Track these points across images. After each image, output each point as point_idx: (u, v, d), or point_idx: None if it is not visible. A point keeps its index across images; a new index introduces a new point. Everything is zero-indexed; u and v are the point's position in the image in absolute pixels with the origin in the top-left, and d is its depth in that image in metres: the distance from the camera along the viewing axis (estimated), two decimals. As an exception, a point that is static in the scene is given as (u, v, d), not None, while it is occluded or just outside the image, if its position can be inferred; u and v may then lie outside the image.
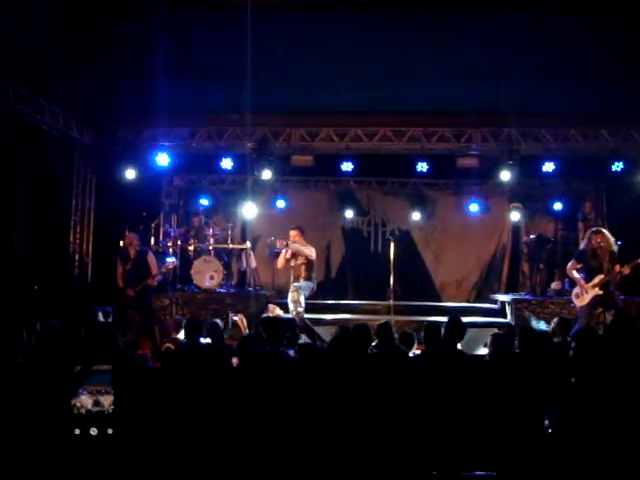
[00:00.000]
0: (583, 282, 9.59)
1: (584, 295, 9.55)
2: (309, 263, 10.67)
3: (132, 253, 10.47)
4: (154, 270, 10.47)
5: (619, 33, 8.13)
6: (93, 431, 2.53)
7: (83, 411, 2.58)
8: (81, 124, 12.19)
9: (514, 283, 15.75)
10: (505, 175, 12.03)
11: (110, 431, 2.54)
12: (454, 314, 7.45)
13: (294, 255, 10.63)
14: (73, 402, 2.57)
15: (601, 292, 9.49)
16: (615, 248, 9.71)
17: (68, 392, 2.58)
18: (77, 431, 2.55)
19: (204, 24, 8.37)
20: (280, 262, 10.86)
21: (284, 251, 10.71)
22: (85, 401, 2.56)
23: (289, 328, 7.55)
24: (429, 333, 6.86)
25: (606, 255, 9.61)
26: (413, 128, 12.19)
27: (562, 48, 8.76)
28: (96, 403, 2.57)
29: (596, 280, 9.49)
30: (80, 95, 10.96)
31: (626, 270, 9.54)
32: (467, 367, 4.23)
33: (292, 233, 10.78)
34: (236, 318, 8.79)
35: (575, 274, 9.76)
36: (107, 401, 2.59)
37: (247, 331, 8.63)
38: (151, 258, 10.58)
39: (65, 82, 10.23)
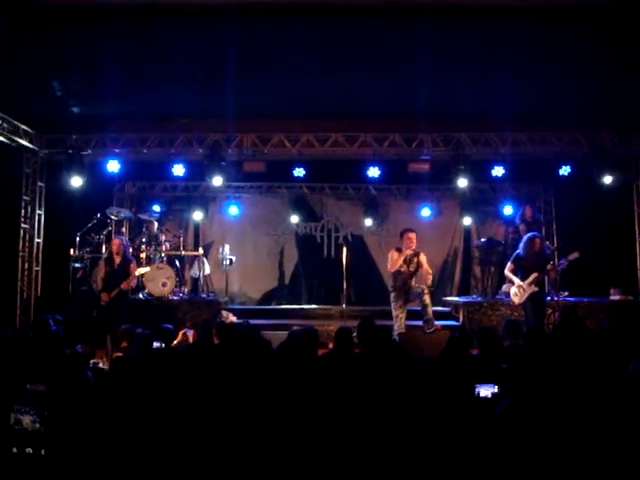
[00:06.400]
0: (520, 282, 10.22)
1: (522, 293, 10.19)
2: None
3: (117, 260, 10.40)
4: (133, 277, 10.46)
5: (564, 39, 8.26)
6: (29, 450, 2.50)
7: (18, 429, 2.54)
8: (30, 131, 12.03)
9: (466, 286, 15.95)
10: (456, 180, 12.13)
11: (43, 452, 2.51)
12: (367, 318, 7.37)
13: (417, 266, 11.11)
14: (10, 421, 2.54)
15: (536, 289, 10.17)
16: (549, 252, 10.52)
17: (5, 408, 2.55)
18: (14, 449, 2.51)
19: (155, 31, 8.30)
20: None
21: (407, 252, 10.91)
22: (23, 420, 2.53)
23: (245, 334, 7.51)
24: (340, 337, 6.73)
25: (542, 257, 10.28)
26: (365, 133, 12.28)
27: (509, 53, 8.86)
28: (33, 422, 2.53)
29: (531, 278, 10.15)
30: (29, 102, 10.82)
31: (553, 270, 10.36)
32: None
33: (415, 236, 11.09)
34: (189, 333, 8.72)
35: (512, 275, 10.38)
36: (36, 422, 2.55)
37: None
38: (133, 267, 10.54)
39: (13, 88, 10.10)
